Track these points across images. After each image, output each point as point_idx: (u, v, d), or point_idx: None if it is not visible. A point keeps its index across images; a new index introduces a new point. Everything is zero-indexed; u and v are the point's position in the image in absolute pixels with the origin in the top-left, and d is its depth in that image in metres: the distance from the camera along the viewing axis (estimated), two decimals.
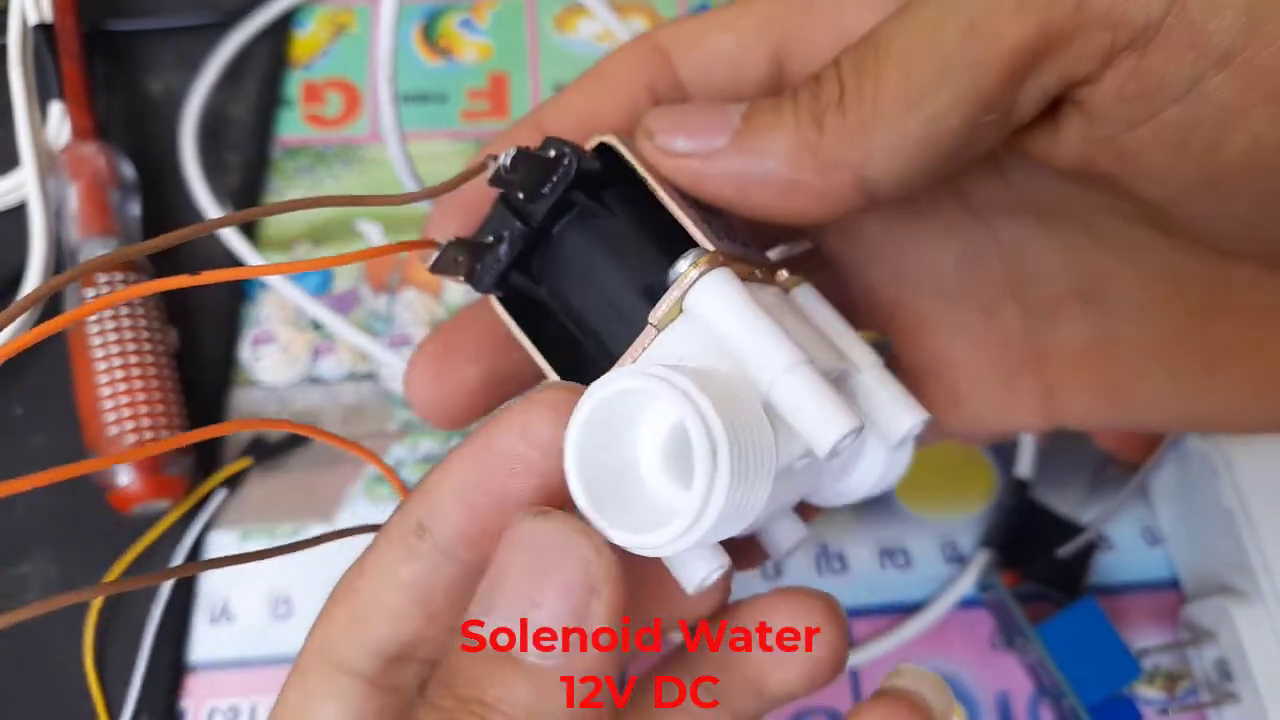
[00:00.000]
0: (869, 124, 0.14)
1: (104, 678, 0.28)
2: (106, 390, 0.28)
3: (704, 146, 0.15)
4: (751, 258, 0.16)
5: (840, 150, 0.14)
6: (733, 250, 0.15)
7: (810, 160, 0.14)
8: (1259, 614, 0.27)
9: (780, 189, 0.14)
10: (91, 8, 0.36)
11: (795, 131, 0.14)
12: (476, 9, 0.39)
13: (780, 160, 0.14)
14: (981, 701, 0.29)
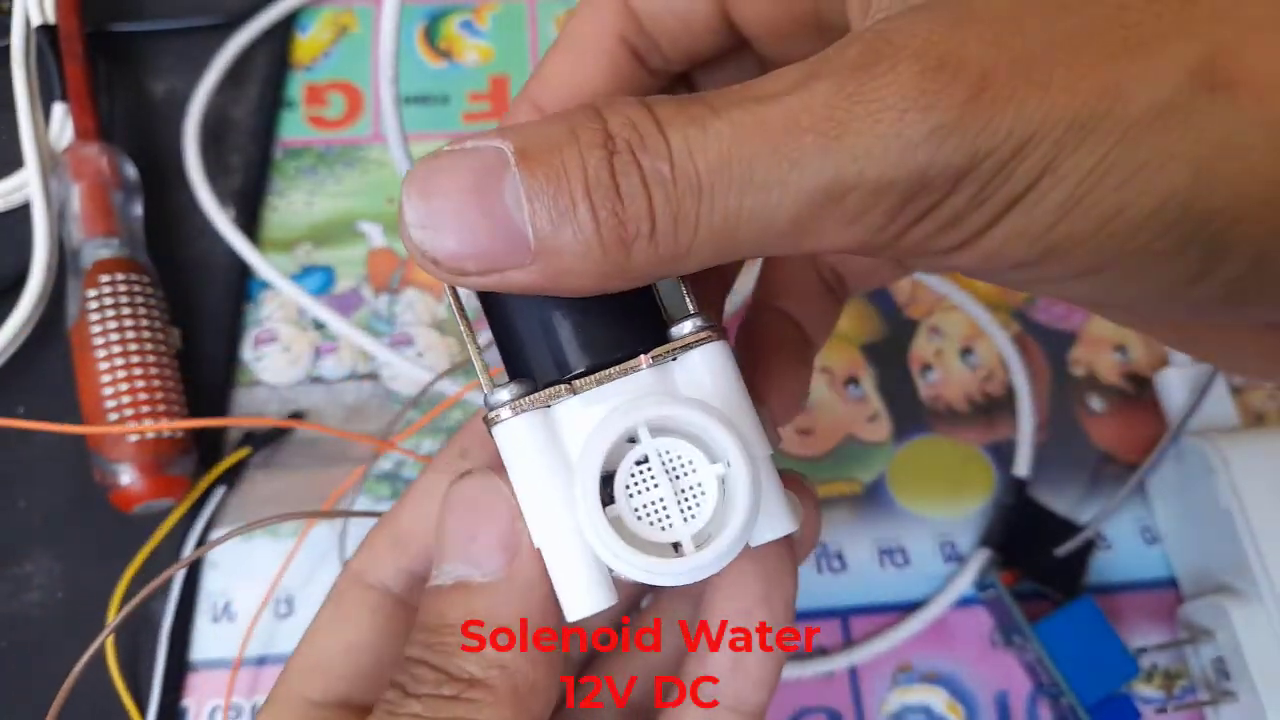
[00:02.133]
0: (681, 257, 0.13)
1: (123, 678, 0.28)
2: (109, 390, 0.28)
3: (500, 266, 0.13)
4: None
5: (651, 272, 0.14)
6: None
7: (617, 280, 0.14)
8: (1256, 613, 0.27)
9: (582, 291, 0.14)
10: (94, 9, 0.36)
11: (602, 258, 0.13)
12: (477, 11, 0.39)
13: (581, 280, 0.13)
14: (980, 700, 0.29)
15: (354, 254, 0.34)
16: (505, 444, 0.15)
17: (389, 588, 0.18)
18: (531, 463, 0.15)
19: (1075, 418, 0.33)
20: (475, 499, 0.16)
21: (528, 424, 0.15)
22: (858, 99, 0.12)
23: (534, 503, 0.15)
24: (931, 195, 0.12)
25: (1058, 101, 0.12)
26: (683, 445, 0.14)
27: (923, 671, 0.29)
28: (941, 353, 0.34)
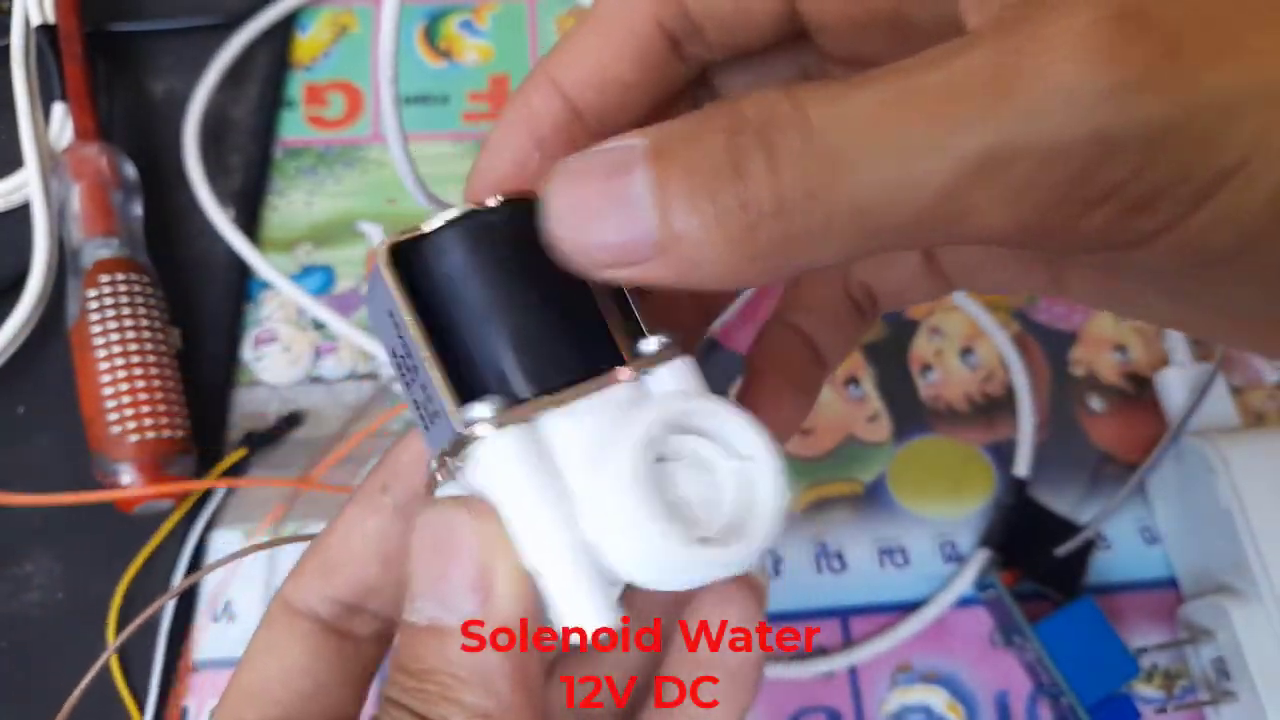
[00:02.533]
0: (816, 241, 0.12)
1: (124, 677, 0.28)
2: (109, 390, 0.28)
3: (629, 256, 0.13)
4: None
5: (784, 259, 0.13)
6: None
7: (749, 272, 0.13)
8: (1256, 613, 0.27)
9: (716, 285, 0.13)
10: (94, 9, 0.36)
11: (725, 246, 0.12)
12: (477, 11, 0.39)
13: (714, 271, 0.13)
14: (980, 700, 0.29)
15: (354, 254, 0.34)
16: (491, 462, 0.14)
17: (318, 614, 0.18)
18: (526, 480, 0.14)
19: (1075, 418, 0.33)
20: (442, 534, 0.14)
21: (516, 439, 0.14)
22: (1026, 53, 0.10)
23: (531, 523, 0.14)
24: (1119, 166, 0.10)
25: (1265, 64, 0.10)
26: (701, 442, 0.14)
27: (922, 671, 0.29)
28: (941, 353, 0.34)
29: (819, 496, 0.32)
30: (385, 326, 0.15)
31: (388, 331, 0.15)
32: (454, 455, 0.14)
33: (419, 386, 0.15)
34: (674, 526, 0.13)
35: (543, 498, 0.14)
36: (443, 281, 0.15)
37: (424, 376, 0.15)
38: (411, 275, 0.15)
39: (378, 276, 0.15)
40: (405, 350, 0.15)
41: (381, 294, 0.15)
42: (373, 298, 0.16)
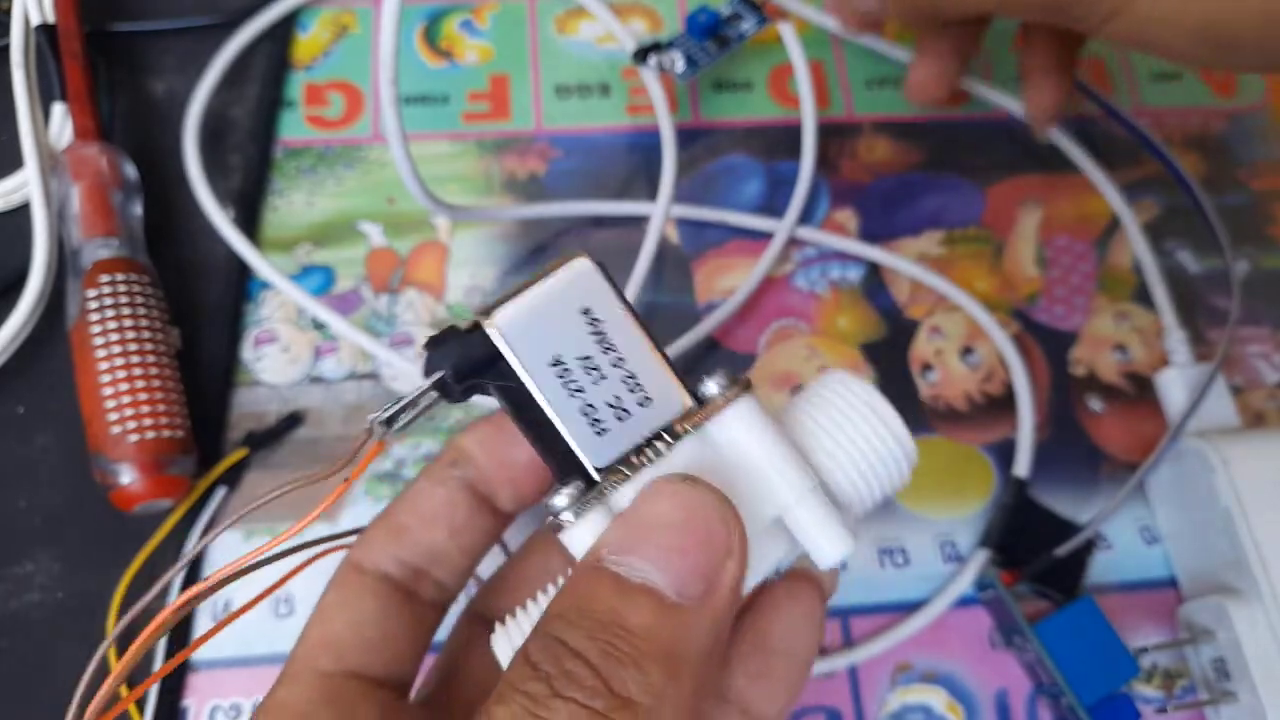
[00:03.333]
0: None
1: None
2: (109, 390, 0.28)
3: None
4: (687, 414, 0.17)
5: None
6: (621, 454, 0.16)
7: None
8: (1256, 613, 0.27)
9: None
10: (94, 9, 0.36)
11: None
12: (477, 11, 0.39)
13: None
14: (980, 699, 0.29)
15: (354, 254, 0.34)
16: (745, 417, 0.16)
17: (387, 573, 0.19)
18: (777, 430, 0.16)
19: (1075, 417, 0.33)
20: (696, 512, 0.14)
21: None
22: None
23: (788, 464, 0.16)
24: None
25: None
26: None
27: (922, 671, 0.29)
28: (942, 352, 0.34)
29: None
30: (563, 331, 0.16)
31: (566, 335, 0.16)
32: (687, 423, 0.16)
33: (616, 382, 0.16)
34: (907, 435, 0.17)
35: (790, 445, 0.16)
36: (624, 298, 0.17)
37: (635, 366, 0.16)
38: None
39: (578, 277, 0.16)
40: (602, 347, 0.16)
41: (577, 295, 0.16)
42: (541, 308, 0.16)
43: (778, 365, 0.34)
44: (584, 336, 0.16)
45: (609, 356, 0.16)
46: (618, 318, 0.16)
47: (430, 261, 0.35)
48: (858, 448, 0.16)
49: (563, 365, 0.16)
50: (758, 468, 0.15)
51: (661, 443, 0.16)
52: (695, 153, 0.37)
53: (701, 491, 0.15)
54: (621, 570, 0.14)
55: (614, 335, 0.16)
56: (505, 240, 0.35)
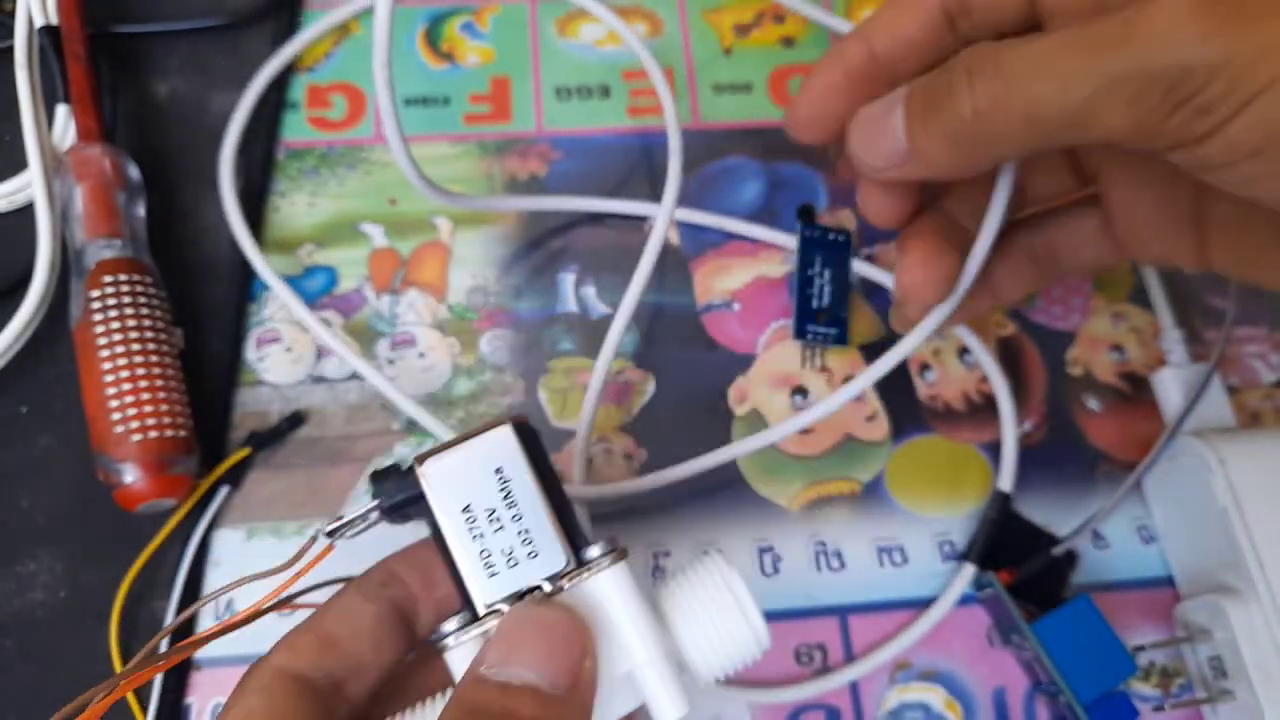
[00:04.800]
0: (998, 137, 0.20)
1: None
2: (112, 389, 0.29)
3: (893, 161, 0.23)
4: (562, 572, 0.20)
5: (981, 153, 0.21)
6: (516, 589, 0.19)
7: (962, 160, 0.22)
8: (1253, 611, 0.28)
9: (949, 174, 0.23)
10: (97, 11, 0.36)
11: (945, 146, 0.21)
12: (478, 13, 0.40)
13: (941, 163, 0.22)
14: (978, 697, 0.29)
15: (356, 255, 0.35)
16: (612, 584, 0.19)
17: (313, 682, 0.20)
18: (640, 599, 0.19)
19: (1072, 417, 0.34)
20: (557, 626, 0.18)
21: (627, 570, 0.19)
22: (1142, 17, 0.18)
23: (644, 630, 0.19)
24: (1191, 85, 0.17)
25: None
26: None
27: (921, 669, 0.30)
28: (940, 353, 0.34)
29: (817, 495, 0.32)
30: (476, 484, 0.19)
31: (478, 487, 0.19)
32: (565, 579, 0.19)
33: (512, 534, 0.19)
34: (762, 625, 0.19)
35: (651, 613, 0.19)
36: (536, 458, 0.20)
37: (530, 523, 0.19)
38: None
39: (497, 441, 0.19)
40: (506, 503, 0.19)
41: (493, 455, 0.19)
42: (462, 461, 0.19)
43: (776, 366, 0.34)
44: (493, 492, 0.19)
45: (511, 511, 0.19)
46: (524, 479, 0.19)
47: (432, 262, 0.35)
48: (714, 627, 0.19)
49: (470, 513, 0.19)
50: (620, 626, 0.18)
51: (539, 592, 0.19)
52: (694, 154, 0.37)
53: (554, 609, 0.18)
54: (502, 676, 0.18)
55: (518, 494, 0.19)
56: (506, 241, 0.35)
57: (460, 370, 0.33)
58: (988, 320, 0.35)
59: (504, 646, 0.18)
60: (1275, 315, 0.36)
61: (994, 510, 0.31)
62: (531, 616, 0.18)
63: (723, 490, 0.32)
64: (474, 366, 0.33)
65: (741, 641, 0.19)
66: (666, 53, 0.39)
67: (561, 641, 0.18)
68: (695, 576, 0.20)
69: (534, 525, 0.19)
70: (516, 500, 0.19)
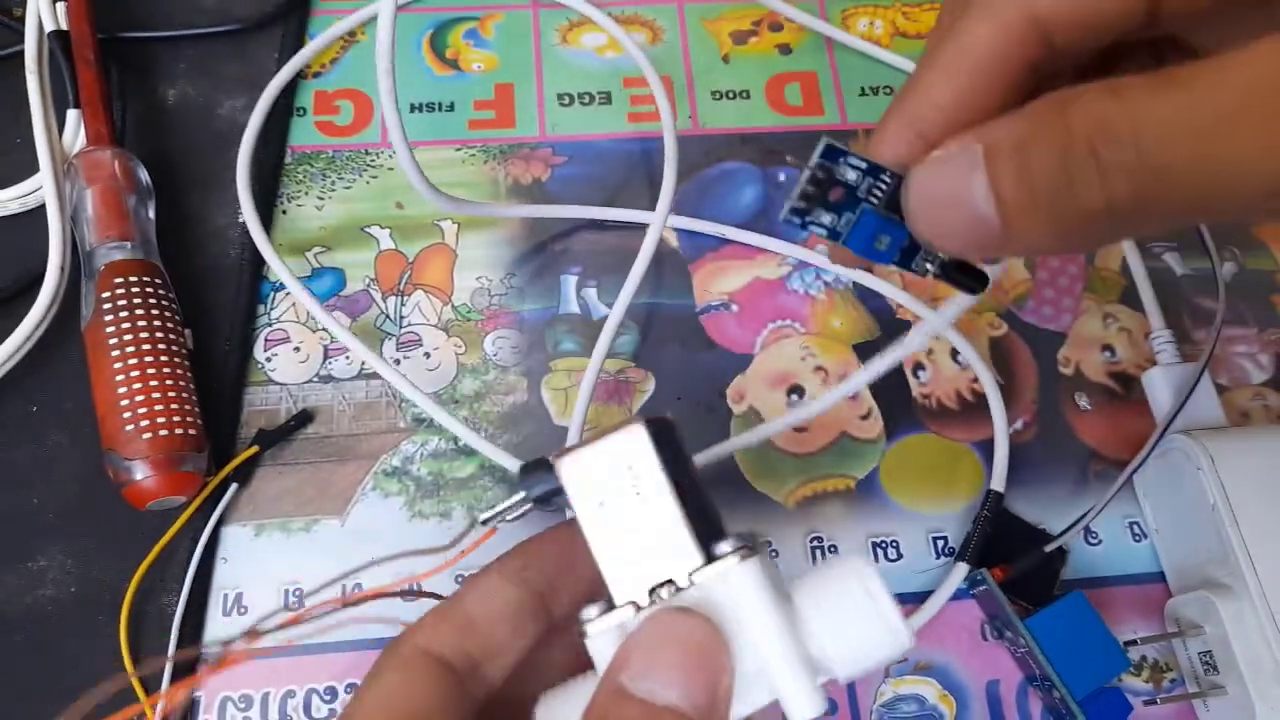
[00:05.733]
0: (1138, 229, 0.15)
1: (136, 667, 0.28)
2: (123, 389, 0.29)
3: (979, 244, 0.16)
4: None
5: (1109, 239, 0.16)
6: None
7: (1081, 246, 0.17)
8: (1243, 607, 0.28)
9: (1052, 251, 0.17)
10: (106, 16, 0.37)
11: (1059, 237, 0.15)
12: (482, 21, 0.40)
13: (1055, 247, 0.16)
14: (971, 690, 0.30)
15: (363, 257, 0.35)
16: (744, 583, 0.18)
17: (450, 662, 0.20)
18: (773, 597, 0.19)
19: (1064, 415, 0.34)
20: (695, 638, 0.18)
21: (761, 566, 0.19)
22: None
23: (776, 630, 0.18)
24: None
25: None
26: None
27: (915, 662, 0.30)
28: (933, 352, 0.35)
29: (812, 491, 0.32)
30: (611, 480, 0.20)
31: (612, 484, 0.20)
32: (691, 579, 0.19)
33: (645, 529, 0.19)
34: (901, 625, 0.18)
35: (783, 611, 0.19)
36: (669, 456, 0.20)
37: (661, 520, 0.19)
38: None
39: (630, 439, 0.20)
40: (639, 499, 0.19)
41: (627, 453, 0.20)
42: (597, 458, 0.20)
43: (774, 365, 0.34)
44: (626, 488, 0.19)
45: (643, 508, 0.19)
46: (654, 476, 0.19)
47: (438, 264, 0.35)
48: (847, 625, 0.19)
49: (604, 506, 0.20)
50: (750, 622, 0.18)
51: (672, 586, 0.19)
52: (693, 159, 0.38)
53: (696, 620, 0.18)
54: (641, 693, 0.17)
55: (648, 490, 0.19)
56: (510, 244, 0.36)
57: (465, 369, 0.34)
58: (979, 322, 0.36)
59: (647, 657, 0.18)
60: (1264, 316, 0.36)
61: (987, 509, 0.31)
62: (674, 627, 0.18)
63: (720, 486, 0.32)
64: (478, 366, 0.34)
65: (878, 638, 0.19)
66: (666, 60, 0.40)
67: (704, 660, 0.18)
68: (828, 573, 0.19)
69: (664, 521, 0.19)
70: (647, 497, 0.19)
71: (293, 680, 0.29)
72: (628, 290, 0.33)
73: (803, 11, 0.41)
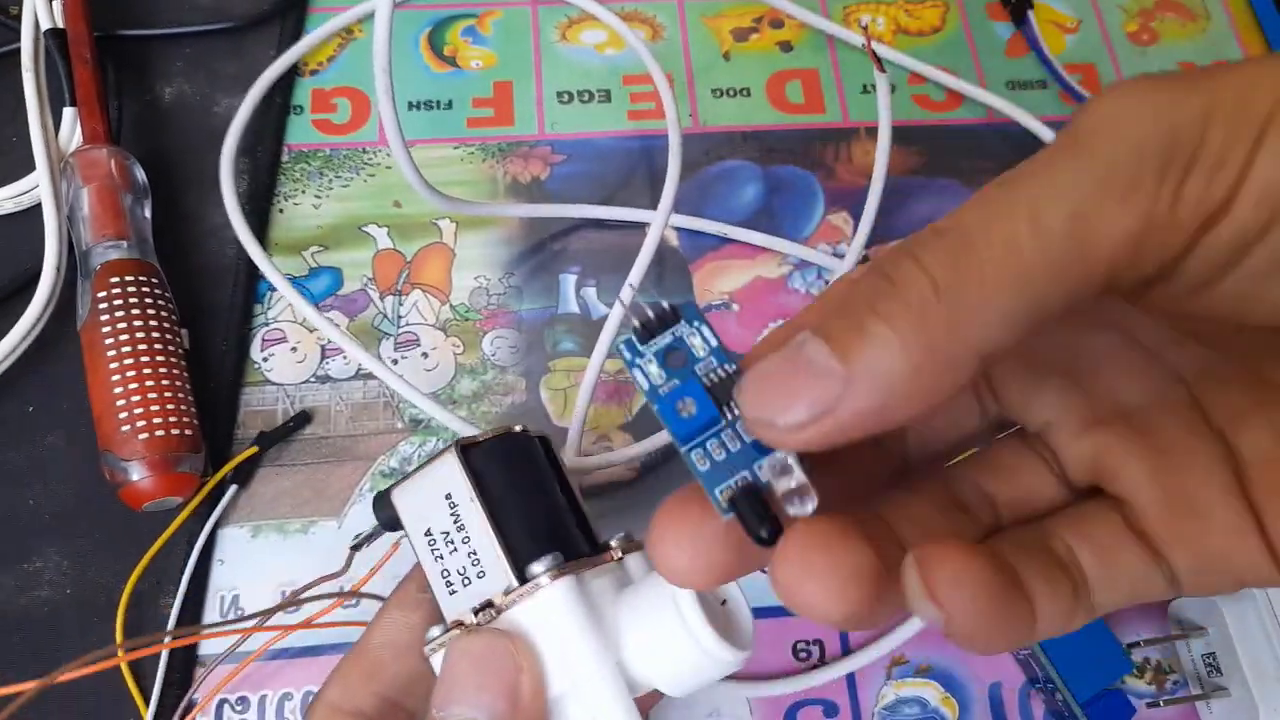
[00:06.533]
0: (975, 311, 0.13)
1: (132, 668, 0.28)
2: (119, 389, 0.29)
3: (825, 405, 0.13)
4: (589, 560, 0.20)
5: (955, 344, 0.13)
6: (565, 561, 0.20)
7: (931, 364, 0.13)
8: (1247, 608, 0.28)
9: (911, 400, 0.13)
10: (103, 14, 0.37)
11: (903, 348, 0.13)
12: (481, 18, 0.40)
13: (903, 380, 0.13)
14: (974, 693, 0.30)
15: (361, 256, 0.35)
16: (552, 603, 0.19)
17: (365, 714, 0.21)
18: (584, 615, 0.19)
19: None
20: (482, 654, 0.18)
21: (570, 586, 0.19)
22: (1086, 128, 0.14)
23: (585, 647, 0.19)
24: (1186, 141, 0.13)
25: None
26: None
27: (917, 665, 0.30)
28: None
29: None
30: (432, 509, 0.20)
31: (433, 512, 0.20)
32: (505, 600, 0.19)
33: (463, 555, 0.20)
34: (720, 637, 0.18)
35: (594, 627, 0.19)
36: (494, 476, 0.20)
37: (476, 544, 0.20)
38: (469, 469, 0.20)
39: (445, 466, 0.20)
40: (456, 525, 0.20)
41: (443, 481, 0.20)
42: (420, 489, 0.21)
43: None
44: (445, 516, 0.20)
45: (461, 534, 0.20)
46: (469, 503, 0.20)
47: (436, 263, 0.35)
48: (662, 648, 0.19)
49: (431, 536, 0.20)
50: (562, 642, 0.19)
51: (490, 609, 0.19)
52: (694, 157, 0.38)
53: (478, 637, 0.19)
54: (443, 715, 0.18)
55: (464, 516, 0.20)
56: (508, 243, 0.36)
57: (463, 370, 0.33)
58: None
59: (444, 687, 0.19)
60: None
61: None
62: (462, 650, 0.19)
63: None
64: (477, 366, 0.34)
65: (693, 660, 0.18)
66: (667, 57, 0.40)
67: (492, 670, 0.18)
68: (641, 587, 0.19)
69: (480, 546, 0.20)
70: (465, 523, 0.20)
71: (289, 683, 0.29)
72: (630, 287, 0.32)
73: (804, 9, 0.41)
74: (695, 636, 0.18)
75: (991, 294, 0.13)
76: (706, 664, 0.18)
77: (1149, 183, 0.13)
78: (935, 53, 0.40)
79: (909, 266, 0.14)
